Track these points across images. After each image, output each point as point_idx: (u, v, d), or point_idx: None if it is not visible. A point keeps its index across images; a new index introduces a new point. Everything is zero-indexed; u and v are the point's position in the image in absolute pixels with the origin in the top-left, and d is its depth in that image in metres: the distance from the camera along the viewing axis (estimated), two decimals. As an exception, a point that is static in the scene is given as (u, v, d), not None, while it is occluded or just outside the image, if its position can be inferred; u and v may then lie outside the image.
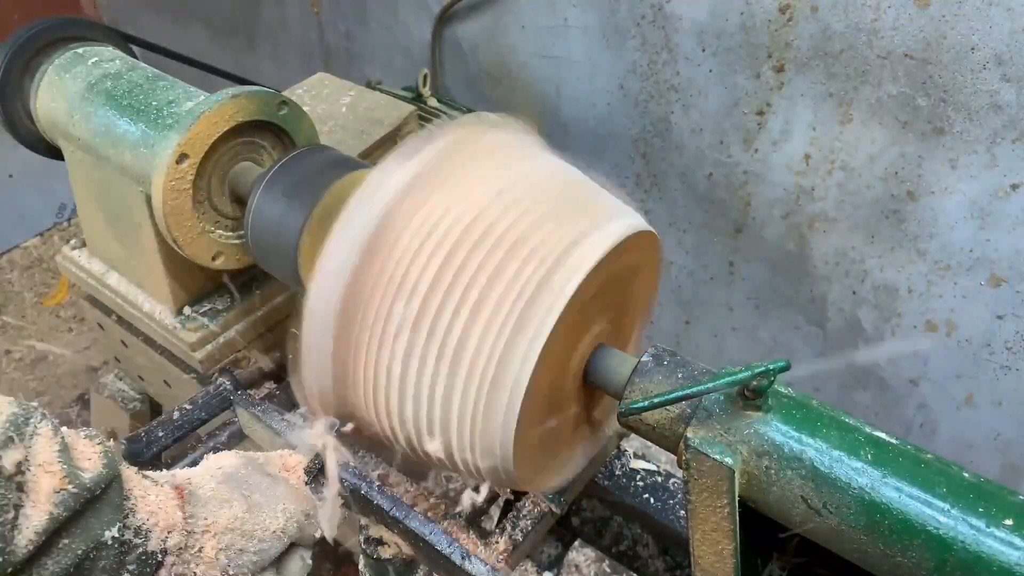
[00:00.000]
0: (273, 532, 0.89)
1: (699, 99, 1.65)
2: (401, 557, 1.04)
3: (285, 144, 1.17)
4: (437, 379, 0.72)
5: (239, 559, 0.85)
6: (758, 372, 0.65)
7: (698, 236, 1.84)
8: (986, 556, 0.58)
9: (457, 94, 2.12)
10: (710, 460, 0.67)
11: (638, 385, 0.75)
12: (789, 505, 0.66)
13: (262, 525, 0.87)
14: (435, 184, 0.74)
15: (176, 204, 1.07)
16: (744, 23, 1.50)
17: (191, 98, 1.13)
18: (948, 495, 0.60)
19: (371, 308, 0.73)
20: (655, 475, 1.08)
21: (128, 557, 0.73)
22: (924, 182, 1.43)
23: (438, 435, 0.76)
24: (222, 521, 0.83)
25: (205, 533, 0.82)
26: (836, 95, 1.46)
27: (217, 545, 0.83)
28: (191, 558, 0.81)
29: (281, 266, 1.05)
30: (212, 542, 0.82)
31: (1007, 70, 1.26)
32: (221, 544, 0.83)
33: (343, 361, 0.77)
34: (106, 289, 1.32)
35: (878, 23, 1.35)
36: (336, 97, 1.54)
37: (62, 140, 1.23)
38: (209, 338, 1.24)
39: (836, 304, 1.68)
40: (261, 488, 0.91)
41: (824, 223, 1.60)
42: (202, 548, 0.81)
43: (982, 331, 1.50)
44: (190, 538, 0.80)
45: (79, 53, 1.24)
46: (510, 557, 0.94)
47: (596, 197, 0.80)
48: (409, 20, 2.10)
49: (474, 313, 0.70)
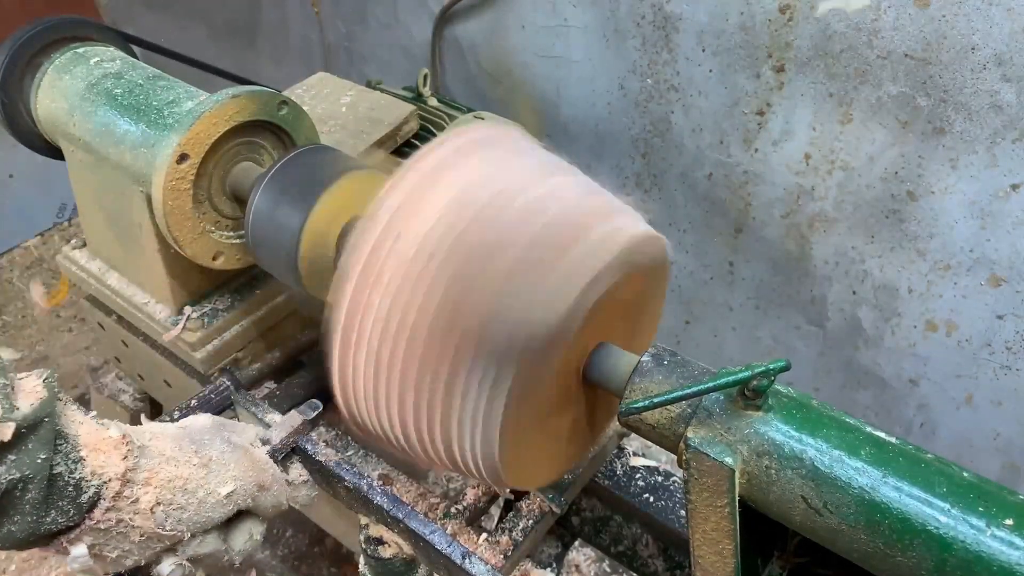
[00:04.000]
0: (218, 496, 0.90)
1: (699, 99, 1.65)
2: (401, 557, 1.04)
3: (285, 144, 1.17)
4: (437, 379, 0.72)
5: (177, 515, 0.86)
6: (758, 372, 0.65)
7: (698, 236, 1.84)
8: (986, 556, 0.58)
9: (457, 94, 2.12)
10: (710, 460, 0.67)
11: (638, 385, 0.75)
12: (789, 505, 0.66)
13: (206, 487, 0.88)
14: (434, 185, 0.74)
15: (176, 204, 1.07)
16: (744, 23, 1.50)
17: (191, 98, 1.13)
18: (948, 495, 0.61)
19: (371, 308, 0.73)
20: (655, 474, 1.09)
21: (58, 495, 0.75)
22: (924, 182, 1.43)
23: (438, 435, 0.76)
24: (164, 475, 0.85)
25: (146, 484, 0.83)
26: (836, 95, 1.46)
27: (155, 499, 0.84)
28: (126, 507, 0.82)
29: (281, 266, 1.05)
30: (150, 494, 0.83)
31: (1007, 70, 1.26)
32: (159, 499, 0.84)
33: (343, 361, 0.77)
34: (106, 289, 1.32)
35: (878, 23, 1.35)
36: (336, 97, 1.54)
37: (62, 140, 1.23)
38: (209, 338, 1.24)
39: (836, 304, 1.68)
40: (216, 452, 0.92)
41: (824, 223, 1.60)
42: (139, 499, 0.82)
43: (982, 331, 1.50)
44: (128, 487, 0.81)
45: (80, 53, 1.24)
46: (510, 557, 0.94)
47: (607, 203, 0.80)
48: (409, 20, 2.10)
49: (474, 316, 0.70)
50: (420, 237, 0.72)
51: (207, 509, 0.89)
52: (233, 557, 0.97)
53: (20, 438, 0.71)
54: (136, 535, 0.83)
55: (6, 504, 0.72)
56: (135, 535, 0.83)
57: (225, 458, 0.92)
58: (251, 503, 0.95)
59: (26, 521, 0.73)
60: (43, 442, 0.73)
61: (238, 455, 0.94)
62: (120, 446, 0.81)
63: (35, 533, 0.75)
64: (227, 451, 0.93)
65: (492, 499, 1.04)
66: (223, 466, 0.91)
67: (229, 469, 0.92)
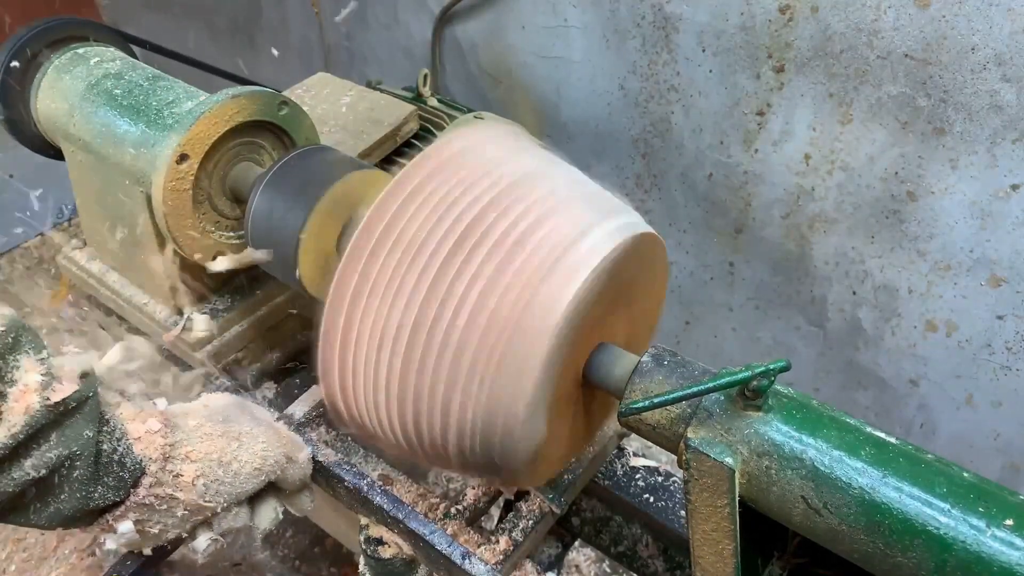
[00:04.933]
0: (251, 467, 0.93)
1: (699, 99, 1.65)
2: (401, 557, 1.04)
3: (285, 144, 1.17)
4: (437, 380, 0.72)
5: (215, 487, 0.89)
6: (758, 372, 0.65)
7: (698, 236, 1.84)
8: (986, 556, 0.58)
9: (457, 94, 2.12)
10: (710, 460, 0.67)
11: (638, 385, 0.75)
12: (789, 505, 0.66)
13: (239, 459, 0.92)
14: (435, 184, 0.74)
15: (176, 204, 1.07)
16: (744, 23, 1.50)
17: (191, 98, 1.13)
18: (948, 495, 0.60)
19: (370, 309, 0.73)
20: (655, 474, 1.09)
21: (104, 471, 0.78)
22: (924, 182, 1.43)
23: (438, 435, 0.76)
24: (202, 449, 0.88)
25: (185, 460, 0.86)
26: (836, 95, 1.46)
27: (196, 472, 0.87)
28: (170, 480, 0.85)
29: (281, 266, 1.05)
30: (192, 468, 0.87)
31: (1007, 70, 1.26)
32: (199, 472, 0.87)
33: (343, 362, 0.77)
34: (106, 289, 1.32)
35: (878, 23, 1.35)
36: (336, 97, 1.54)
37: (62, 140, 1.23)
38: (209, 338, 1.24)
39: (836, 304, 1.68)
40: (243, 426, 0.95)
41: (824, 223, 1.60)
42: (181, 473, 0.86)
43: (982, 331, 1.50)
44: (170, 463, 0.85)
45: (80, 53, 1.24)
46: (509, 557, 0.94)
47: (605, 201, 0.80)
48: (409, 20, 2.10)
49: (475, 313, 0.70)
50: (420, 236, 0.72)
51: (241, 480, 0.92)
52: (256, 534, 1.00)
53: (67, 415, 0.73)
54: (180, 509, 0.87)
55: (54, 482, 0.74)
56: (179, 509, 0.87)
57: (254, 431, 0.95)
58: (280, 474, 0.98)
59: (75, 498, 0.76)
60: (89, 419, 0.76)
61: (264, 428, 0.98)
62: (158, 423, 0.84)
63: (82, 509, 0.77)
64: (254, 425, 0.96)
65: (492, 499, 1.04)
66: (253, 439, 0.94)
67: (259, 441, 0.95)
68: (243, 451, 0.93)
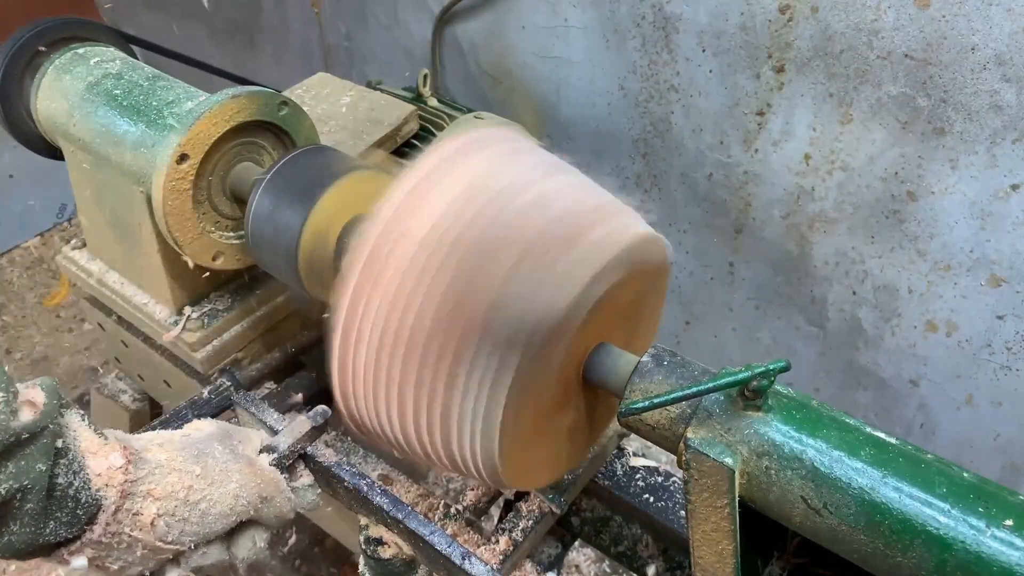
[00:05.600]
0: (222, 507, 0.88)
1: (699, 99, 1.65)
2: (401, 557, 1.04)
3: (285, 144, 1.17)
4: (437, 378, 0.72)
5: (179, 527, 0.85)
6: (758, 372, 0.65)
7: (698, 236, 1.84)
8: (986, 556, 0.58)
9: (457, 94, 2.12)
10: (710, 460, 0.67)
11: (638, 385, 0.75)
12: (789, 505, 0.66)
13: (208, 498, 0.87)
14: (436, 185, 0.74)
15: (176, 204, 1.07)
16: (744, 23, 1.50)
17: (191, 98, 1.13)
18: (948, 495, 0.60)
19: (370, 311, 0.73)
20: (655, 474, 1.09)
21: (57, 506, 0.74)
22: (924, 182, 1.43)
23: (437, 435, 0.76)
24: (165, 486, 0.83)
25: (147, 497, 0.82)
26: (836, 95, 1.46)
27: (157, 511, 0.82)
28: (127, 520, 0.80)
29: (281, 266, 1.05)
30: (153, 506, 0.82)
31: (1007, 70, 1.26)
32: (161, 511, 0.83)
33: (343, 361, 0.77)
34: (106, 289, 1.32)
35: (878, 23, 1.35)
36: (336, 97, 1.54)
37: (62, 140, 1.23)
38: (209, 338, 1.24)
39: (836, 304, 1.68)
40: (219, 463, 0.90)
41: (824, 223, 1.60)
42: (140, 512, 0.81)
43: (982, 331, 1.50)
44: (129, 500, 0.80)
45: (80, 53, 1.24)
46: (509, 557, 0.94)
47: (610, 204, 0.80)
48: (409, 20, 2.10)
49: (475, 314, 0.70)
50: (421, 236, 0.72)
51: (209, 521, 0.87)
52: (238, 566, 0.96)
53: (20, 447, 0.71)
54: (139, 548, 0.82)
55: (5, 514, 0.71)
56: (137, 548, 0.82)
57: (228, 469, 0.90)
58: (253, 514, 0.93)
59: (25, 531, 0.73)
60: (43, 452, 0.72)
61: (241, 465, 0.92)
62: (120, 458, 0.80)
63: (34, 544, 0.74)
64: (230, 461, 0.91)
65: (492, 499, 1.04)
66: (225, 477, 0.89)
67: (232, 480, 0.90)
68: (214, 490, 0.87)
